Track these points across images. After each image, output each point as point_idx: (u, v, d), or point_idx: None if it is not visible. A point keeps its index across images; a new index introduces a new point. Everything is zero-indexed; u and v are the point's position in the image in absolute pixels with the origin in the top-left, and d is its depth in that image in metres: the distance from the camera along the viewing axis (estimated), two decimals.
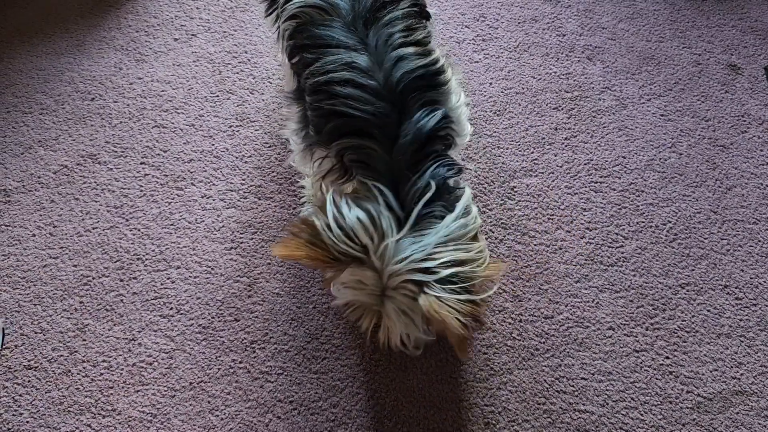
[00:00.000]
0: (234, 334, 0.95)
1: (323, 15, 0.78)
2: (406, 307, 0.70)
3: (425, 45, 0.79)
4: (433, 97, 0.76)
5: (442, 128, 0.75)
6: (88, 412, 0.89)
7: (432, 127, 0.73)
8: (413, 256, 0.68)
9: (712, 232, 1.05)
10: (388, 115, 0.72)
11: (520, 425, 0.88)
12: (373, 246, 0.69)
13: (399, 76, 0.73)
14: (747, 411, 0.89)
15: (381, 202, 0.70)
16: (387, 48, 0.75)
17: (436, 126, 0.74)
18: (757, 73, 1.24)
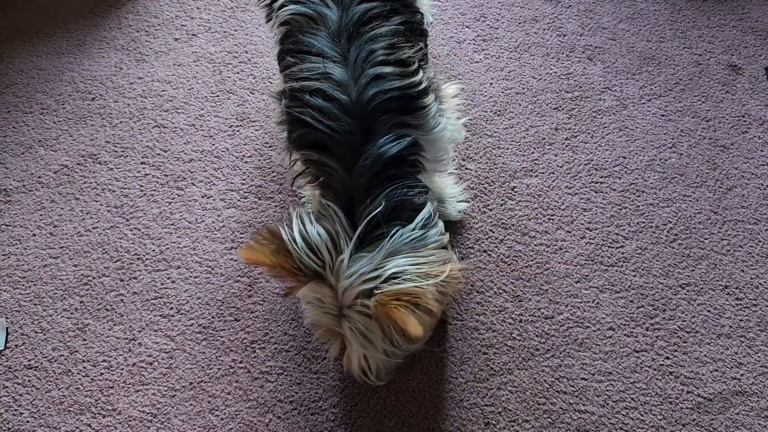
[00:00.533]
0: (234, 334, 0.95)
1: (311, 23, 0.78)
2: (363, 327, 0.69)
3: (409, 65, 0.76)
4: (407, 121, 0.75)
5: (410, 154, 0.74)
6: (89, 411, 0.89)
7: (395, 154, 0.72)
8: (362, 270, 0.68)
9: (712, 233, 1.05)
10: (353, 133, 0.71)
11: (521, 425, 0.88)
12: (330, 263, 0.69)
13: (371, 94, 0.72)
14: (747, 411, 0.89)
15: (336, 222, 0.70)
16: (365, 64, 0.73)
17: (399, 152, 0.72)
18: (758, 74, 1.24)
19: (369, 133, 0.72)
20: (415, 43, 0.80)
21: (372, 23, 0.76)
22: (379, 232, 0.70)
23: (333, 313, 0.71)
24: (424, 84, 0.77)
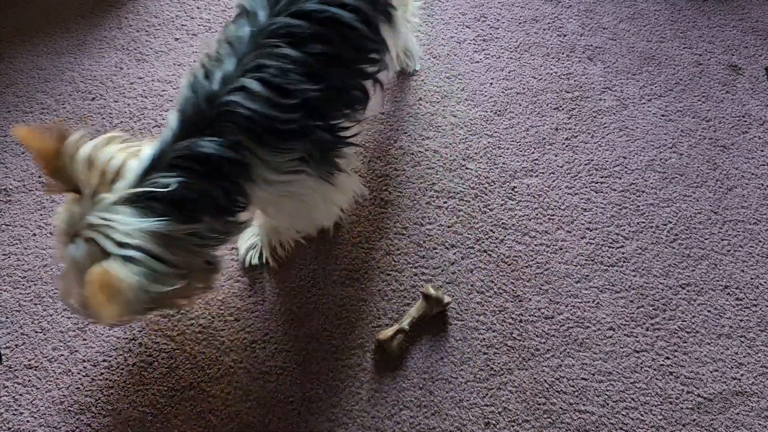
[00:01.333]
0: (234, 334, 0.95)
1: (243, 17, 0.76)
2: (80, 260, 0.67)
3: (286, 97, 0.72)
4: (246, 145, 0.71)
5: (236, 166, 0.72)
6: (89, 411, 0.89)
7: (215, 154, 0.69)
8: (117, 224, 0.66)
9: (712, 233, 1.05)
10: (199, 113, 0.70)
11: (521, 425, 0.88)
12: (97, 189, 0.68)
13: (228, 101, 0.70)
14: (747, 411, 0.89)
15: (137, 167, 0.69)
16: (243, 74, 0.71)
17: (220, 155, 0.69)
18: (758, 74, 1.24)
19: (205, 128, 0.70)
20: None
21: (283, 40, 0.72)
22: (156, 205, 0.68)
23: (68, 233, 0.69)
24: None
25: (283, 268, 1.00)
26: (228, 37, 0.74)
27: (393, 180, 1.09)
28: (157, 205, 0.67)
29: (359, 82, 0.81)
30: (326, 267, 1.01)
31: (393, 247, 1.02)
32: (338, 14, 0.73)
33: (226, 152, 0.69)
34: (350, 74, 0.80)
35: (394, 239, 1.03)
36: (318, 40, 0.73)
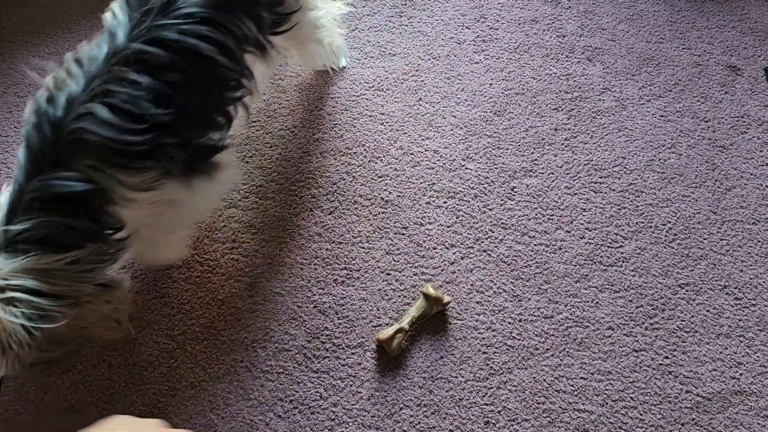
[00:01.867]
0: (235, 334, 0.95)
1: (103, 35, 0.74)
2: None
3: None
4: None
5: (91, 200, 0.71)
6: (89, 411, 0.90)
7: (66, 192, 0.68)
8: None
9: (711, 233, 1.05)
10: (47, 144, 0.69)
11: (520, 424, 0.88)
12: None
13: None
14: (746, 411, 0.90)
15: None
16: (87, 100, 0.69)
17: (71, 192, 0.68)
18: (757, 74, 1.24)
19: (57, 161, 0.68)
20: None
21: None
22: (26, 246, 0.67)
23: None
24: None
25: (283, 268, 1.01)
26: (80, 57, 0.71)
27: (393, 180, 1.10)
28: (26, 246, 0.67)
29: (219, 108, 0.81)
30: (326, 266, 1.01)
31: (393, 246, 1.03)
32: (196, 45, 0.72)
33: (80, 186, 0.68)
34: (208, 102, 0.79)
35: (394, 239, 1.04)
36: (173, 68, 0.71)
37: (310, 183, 1.10)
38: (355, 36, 1.28)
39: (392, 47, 1.27)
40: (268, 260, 1.02)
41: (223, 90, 0.80)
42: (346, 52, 1.23)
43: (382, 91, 1.20)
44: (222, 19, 0.74)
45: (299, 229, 1.05)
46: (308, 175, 1.10)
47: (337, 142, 1.14)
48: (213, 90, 0.79)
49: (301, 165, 1.12)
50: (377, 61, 1.25)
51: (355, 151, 1.13)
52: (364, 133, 1.15)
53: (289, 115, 1.18)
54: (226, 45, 0.76)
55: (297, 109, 1.18)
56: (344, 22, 1.21)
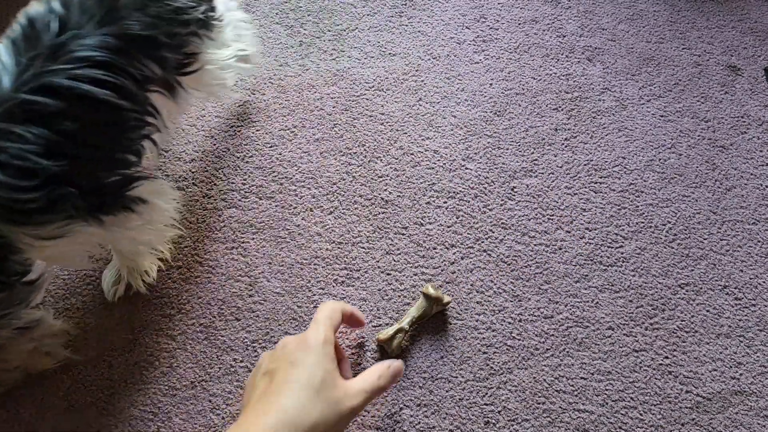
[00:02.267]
0: (235, 334, 0.95)
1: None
2: None
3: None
4: None
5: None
6: (89, 410, 0.90)
7: None
8: None
9: (711, 233, 1.05)
10: None
11: (520, 424, 0.88)
12: None
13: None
14: (746, 411, 0.90)
15: None
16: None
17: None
18: (757, 74, 1.24)
19: None
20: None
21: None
22: None
23: None
24: None
25: (283, 268, 1.01)
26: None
27: (393, 180, 1.10)
28: None
29: (122, 150, 0.77)
30: (326, 266, 1.01)
31: (393, 246, 1.03)
32: (90, 91, 0.68)
33: None
34: (107, 146, 0.75)
35: (394, 239, 1.04)
36: (66, 117, 0.67)
37: (310, 183, 1.10)
38: (355, 36, 1.29)
39: (392, 47, 1.27)
40: (268, 260, 1.02)
41: (125, 132, 0.76)
42: (251, 69, 1.14)
43: (382, 91, 1.20)
44: (120, 62, 0.71)
45: (299, 229, 1.05)
46: (308, 175, 1.10)
47: (337, 142, 1.14)
48: (112, 134, 0.74)
49: (301, 165, 1.12)
50: (377, 61, 1.25)
51: (355, 151, 1.13)
52: (364, 133, 1.15)
53: (289, 115, 1.18)
54: (124, 88, 0.72)
55: (297, 109, 1.18)
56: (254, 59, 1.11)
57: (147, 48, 0.75)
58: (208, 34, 0.88)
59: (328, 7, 1.33)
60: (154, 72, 0.77)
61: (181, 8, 0.79)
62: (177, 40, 0.80)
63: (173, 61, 0.82)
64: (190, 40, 0.83)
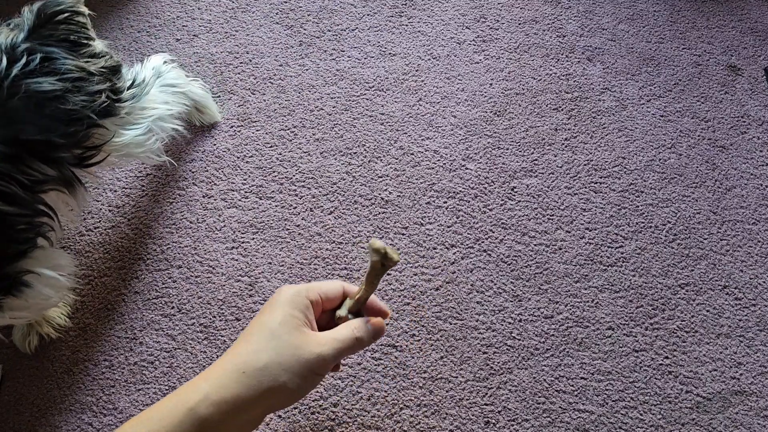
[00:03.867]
0: (235, 334, 0.95)
1: None
2: None
3: None
4: None
5: None
6: (90, 410, 0.90)
7: None
8: None
9: (711, 233, 1.05)
10: None
11: (520, 424, 0.88)
12: None
13: None
14: (746, 411, 0.90)
15: None
16: None
17: None
18: (757, 74, 1.24)
19: None
20: None
21: None
22: None
23: None
24: None
25: (283, 268, 1.01)
26: None
27: (393, 180, 1.10)
28: None
29: (11, 250, 0.74)
30: (326, 266, 1.01)
31: (393, 246, 1.03)
32: None
33: None
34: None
35: (395, 239, 1.04)
36: None
37: (310, 183, 1.10)
38: (355, 36, 1.29)
39: (392, 47, 1.27)
40: (268, 260, 1.02)
41: (13, 234, 0.73)
42: (213, 104, 1.14)
43: (382, 91, 1.21)
44: (5, 169, 0.68)
45: (299, 229, 1.05)
46: (308, 175, 1.10)
47: (337, 142, 1.14)
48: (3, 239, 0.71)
49: (301, 165, 1.12)
50: (377, 61, 1.25)
51: (355, 151, 1.13)
52: (364, 133, 1.15)
53: (289, 115, 1.18)
54: (9, 193, 0.69)
55: (297, 109, 1.18)
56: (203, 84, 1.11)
57: (39, 152, 0.71)
58: (115, 120, 0.82)
59: (328, 7, 1.33)
60: (48, 174, 0.73)
61: (75, 109, 0.74)
62: (76, 137, 0.75)
63: (71, 158, 0.77)
64: (91, 133, 0.78)
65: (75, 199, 0.81)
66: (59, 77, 0.72)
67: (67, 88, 0.73)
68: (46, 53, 0.72)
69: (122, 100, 0.84)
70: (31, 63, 0.70)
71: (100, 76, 0.78)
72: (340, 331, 0.55)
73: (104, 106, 0.78)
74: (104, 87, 0.79)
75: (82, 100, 0.74)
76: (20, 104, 0.68)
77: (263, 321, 0.53)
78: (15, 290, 0.75)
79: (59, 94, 0.72)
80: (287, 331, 0.52)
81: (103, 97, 0.78)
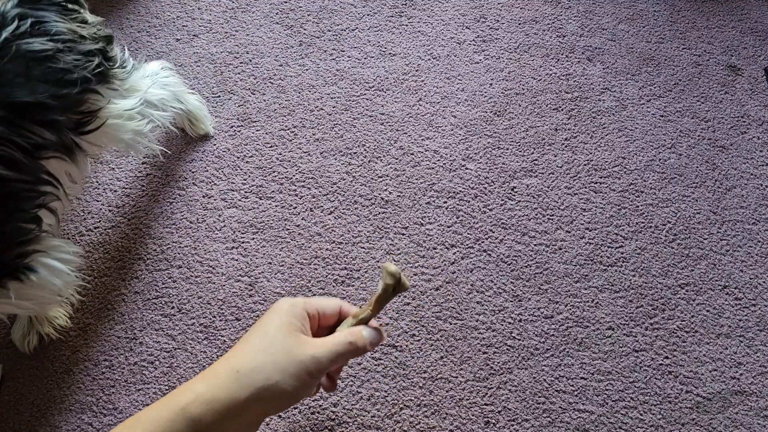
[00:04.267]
0: (235, 333, 0.95)
1: None
2: None
3: None
4: None
5: None
6: (90, 410, 0.90)
7: None
8: None
9: (711, 233, 1.05)
10: None
11: (520, 424, 0.88)
12: None
13: None
14: (746, 411, 0.90)
15: None
16: None
17: None
18: (757, 74, 1.24)
19: None
20: None
21: None
22: None
23: None
24: None
25: (283, 268, 1.01)
26: None
27: (393, 180, 1.10)
28: None
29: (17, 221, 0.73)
30: (326, 266, 1.01)
31: (393, 246, 1.03)
32: None
33: None
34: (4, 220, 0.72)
35: (394, 239, 1.04)
36: None
37: (310, 183, 1.10)
38: (355, 36, 1.29)
39: (392, 47, 1.27)
40: (268, 260, 1.02)
41: (17, 203, 0.72)
42: (206, 117, 1.14)
43: (382, 91, 1.21)
44: (2, 132, 0.67)
45: (299, 229, 1.05)
46: (308, 175, 1.10)
47: (337, 142, 1.14)
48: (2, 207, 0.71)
49: (301, 165, 1.12)
50: (377, 61, 1.25)
51: (355, 151, 1.13)
52: (364, 133, 1.15)
53: (289, 115, 1.18)
54: (10, 158, 0.68)
55: (297, 109, 1.18)
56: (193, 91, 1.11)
57: (34, 114, 0.70)
58: (109, 87, 0.82)
59: (328, 7, 1.34)
60: (46, 137, 0.72)
61: (67, 69, 0.72)
62: (69, 100, 0.74)
63: (68, 123, 0.76)
64: (85, 98, 0.77)
65: (77, 167, 0.80)
66: (50, 38, 0.72)
67: (59, 48, 0.72)
68: (37, 17, 0.72)
69: (114, 67, 0.84)
70: (21, 27, 0.69)
71: (92, 40, 0.78)
72: (336, 336, 0.56)
73: (97, 70, 0.78)
74: (97, 47, 0.78)
75: (74, 59, 0.74)
76: (10, 66, 0.67)
77: (260, 326, 0.54)
78: (21, 273, 0.75)
79: (50, 53, 0.71)
80: (282, 334, 0.53)
81: (96, 60, 0.77)
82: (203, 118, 1.12)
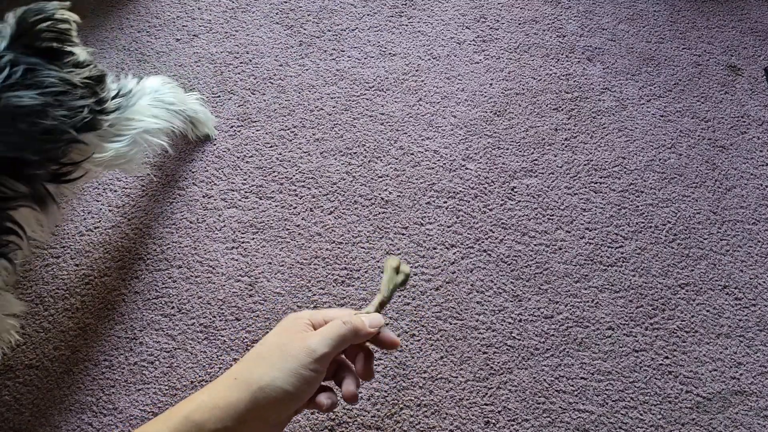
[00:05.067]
0: (235, 333, 0.95)
1: None
2: None
3: None
4: None
5: None
6: (90, 410, 0.90)
7: None
8: None
9: (711, 233, 1.05)
10: None
11: (520, 424, 0.88)
12: None
13: None
14: (746, 411, 0.90)
15: None
16: None
17: None
18: (757, 74, 1.24)
19: None
20: None
21: None
22: None
23: None
24: None
25: (283, 268, 1.01)
26: None
27: (393, 180, 1.10)
28: None
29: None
30: (326, 266, 1.01)
31: (393, 246, 1.03)
32: None
33: None
34: None
35: (394, 239, 1.04)
36: None
37: (310, 183, 1.10)
38: (355, 36, 1.29)
39: (392, 47, 1.27)
40: (268, 260, 1.02)
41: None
42: (210, 120, 1.13)
43: (382, 91, 1.21)
44: None
45: (299, 229, 1.05)
46: (308, 175, 1.10)
47: (337, 142, 1.14)
48: None
49: (301, 165, 1.12)
50: (377, 61, 1.25)
51: (355, 151, 1.13)
52: (364, 133, 1.15)
53: (289, 115, 1.18)
54: None
55: (297, 109, 1.18)
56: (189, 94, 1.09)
57: (11, 168, 0.68)
58: (97, 134, 0.79)
59: (328, 7, 1.33)
60: (19, 191, 0.69)
61: (54, 125, 0.70)
62: (51, 154, 0.72)
63: (47, 175, 0.73)
64: (69, 149, 0.74)
65: (46, 216, 0.77)
66: (41, 91, 0.69)
67: (48, 102, 0.69)
68: (29, 64, 0.69)
69: (106, 111, 0.81)
70: (13, 75, 0.67)
71: (84, 88, 0.75)
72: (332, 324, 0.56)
73: (86, 121, 0.75)
74: (87, 103, 0.75)
75: (62, 115, 0.71)
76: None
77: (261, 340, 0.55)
78: None
79: (39, 108, 0.68)
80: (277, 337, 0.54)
81: (85, 112, 0.74)
82: (206, 122, 1.12)
